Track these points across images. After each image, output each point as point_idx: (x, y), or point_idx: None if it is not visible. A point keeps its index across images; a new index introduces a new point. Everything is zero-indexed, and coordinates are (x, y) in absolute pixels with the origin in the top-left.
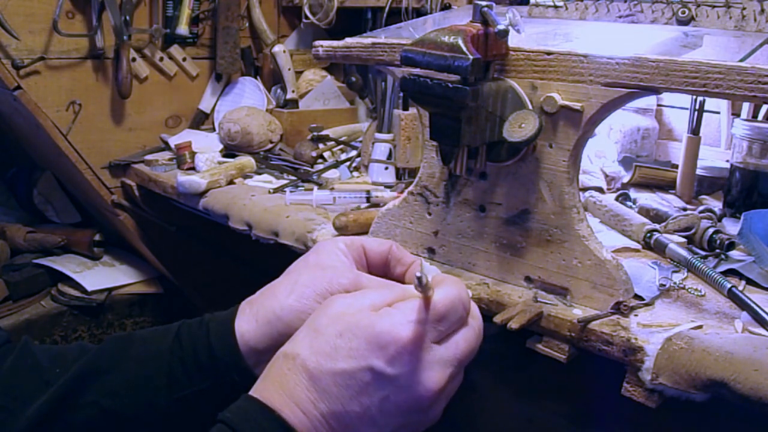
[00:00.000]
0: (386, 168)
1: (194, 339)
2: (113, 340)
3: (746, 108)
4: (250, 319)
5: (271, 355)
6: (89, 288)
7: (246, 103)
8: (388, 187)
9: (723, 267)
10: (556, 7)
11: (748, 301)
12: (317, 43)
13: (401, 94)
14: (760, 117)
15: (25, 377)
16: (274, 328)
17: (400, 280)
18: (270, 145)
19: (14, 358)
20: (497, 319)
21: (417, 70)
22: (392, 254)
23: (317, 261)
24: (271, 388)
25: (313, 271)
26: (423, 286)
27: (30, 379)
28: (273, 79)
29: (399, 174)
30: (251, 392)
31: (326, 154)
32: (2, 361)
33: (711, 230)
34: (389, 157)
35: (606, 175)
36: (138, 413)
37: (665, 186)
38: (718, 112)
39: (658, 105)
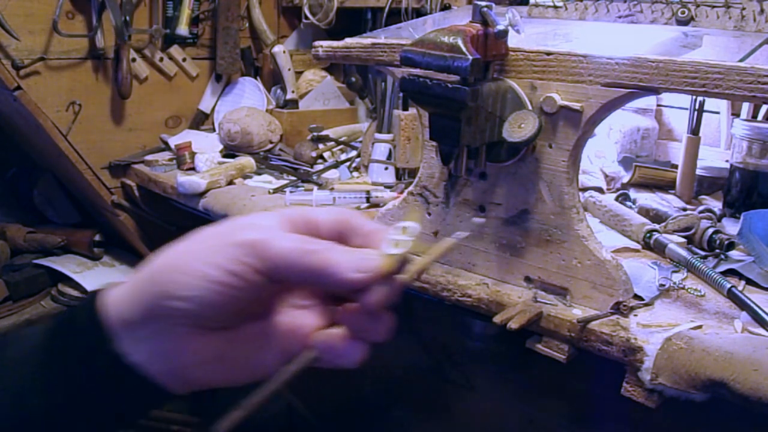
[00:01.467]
0: (386, 168)
1: (71, 323)
2: None
3: (746, 108)
4: (121, 288)
5: (146, 330)
6: (89, 288)
7: (246, 103)
8: (387, 187)
9: (723, 267)
10: (555, 7)
11: (748, 301)
12: (317, 43)
13: (401, 95)
14: (760, 117)
15: None
16: (145, 292)
17: None
18: (270, 146)
19: None
20: (497, 319)
21: (417, 71)
22: (348, 225)
23: (225, 222)
24: None
25: (212, 227)
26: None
27: None
28: (273, 80)
29: (399, 174)
30: None
31: (326, 155)
32: None
33: (711, 230)
34: (389, 157)
35: (606, 175)
36: (14, 430)
37: (665, 186)
38: (718, 112)
39: (658, 105)
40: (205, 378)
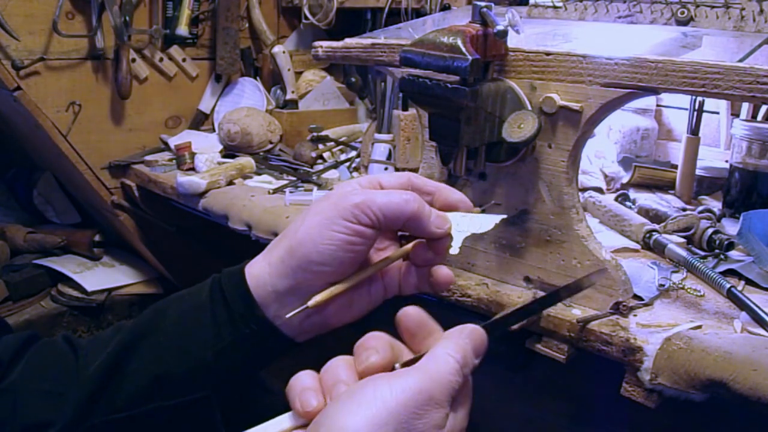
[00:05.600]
0: (386, 168)
1: (223, 292)
2: (150, 309)
3: (745, 108)
4: (262, 264)
5: (294, 295)
6: (89, 288)
7: (246, 103)
8: None
9: (722, 267)
10: (555, 7)
11: (747, 302)
12: (317, 43)
13: (401, 95)
14: (759, 117)
15: (60, 361)
16: (287, 265)
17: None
18: (270, 146)
19: (40, 347)
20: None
21: (416, 71)
22: (412, 185)
23: (328, 195)
24: None
25: (321, 202)
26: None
27: (65, 362)
28: (273, 80)
29: None
30: None
31: (326, 155)
32: (25, 352)
33: (710, 230)
34: (389, 157)
35: (605, 176)
36: (187, 372)
37: (664, 186)
38: (718, 113)
39: (658, 105)
40: (335, 322)
